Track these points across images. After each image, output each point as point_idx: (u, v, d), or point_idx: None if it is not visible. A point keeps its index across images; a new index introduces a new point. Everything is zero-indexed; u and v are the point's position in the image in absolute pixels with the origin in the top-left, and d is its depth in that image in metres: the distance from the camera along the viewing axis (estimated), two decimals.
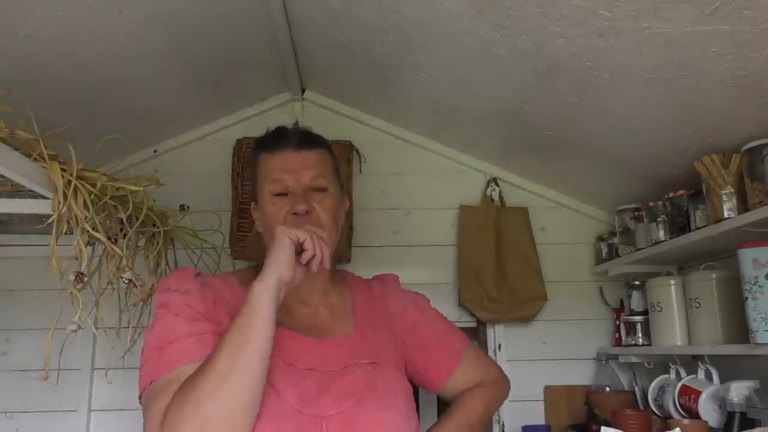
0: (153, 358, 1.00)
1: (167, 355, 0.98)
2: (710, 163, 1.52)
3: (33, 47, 1.39)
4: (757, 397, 1.46)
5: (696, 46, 1.19)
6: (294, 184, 1.12)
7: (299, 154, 1.15)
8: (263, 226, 1.16)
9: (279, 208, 1.11)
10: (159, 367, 0.98)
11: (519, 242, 2.18)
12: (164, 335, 1.00)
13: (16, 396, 2.01)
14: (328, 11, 1.64)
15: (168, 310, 1.03)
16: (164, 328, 1.01)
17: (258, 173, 1.18)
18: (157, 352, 0.99)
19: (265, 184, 1.14)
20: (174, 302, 1.04)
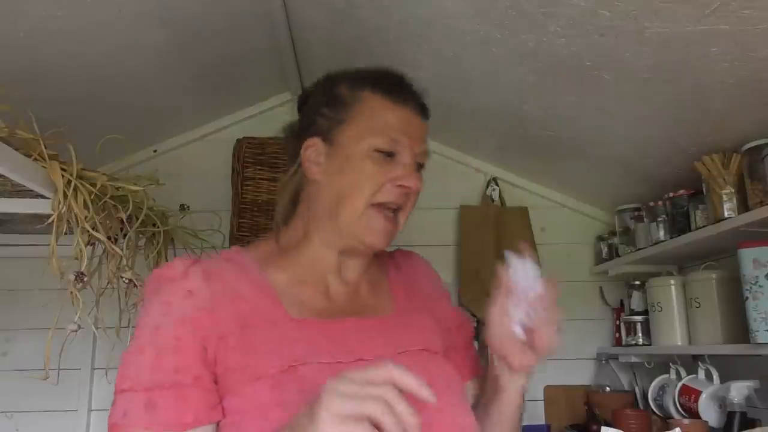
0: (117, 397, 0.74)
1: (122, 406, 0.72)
2: (710, 163, 1.52)
3: (33, 46, 1.39)
4: (757, 397, 1.46)
5: (696, 46, 1.19)
6: (408, 152, 0.87)
7: (419, 120, 0.91)
8: (330, 180, 0.87)
9: (382, 169, 0.85)
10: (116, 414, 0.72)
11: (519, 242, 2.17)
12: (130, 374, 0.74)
13: (16, 396, 2.00)
14: (329, 11, 1.64)
15: (147, 334, 0.76)
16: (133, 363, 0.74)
17: (355, 112, 0.88)
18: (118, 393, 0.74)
19: (372, 134, 0.85)
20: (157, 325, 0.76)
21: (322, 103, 0.90)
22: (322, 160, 0.88)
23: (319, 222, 0.88)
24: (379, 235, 0.86)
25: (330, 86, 0.92)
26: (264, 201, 2.07)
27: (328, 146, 0.88)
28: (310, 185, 0.89)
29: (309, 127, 0.91)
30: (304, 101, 0.97)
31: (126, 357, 0.75)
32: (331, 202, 0.86)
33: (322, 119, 0.89)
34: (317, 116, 0.90)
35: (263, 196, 2.08)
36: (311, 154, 0.88)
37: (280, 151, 2.11)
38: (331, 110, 0.89)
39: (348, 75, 0.92)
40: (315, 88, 0.96)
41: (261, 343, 0.76)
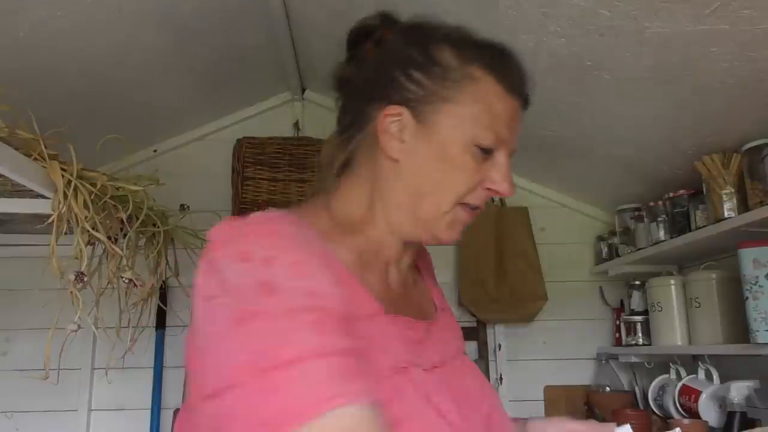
0: (249, 385, 0.49)
1: (292, 385, 0.49)
2: (710, 163, 1.52)
3: (33, 46, 1.39)
4: (757, 397, 1.46)
5: (696, 46, 1.19)
6: (505, 151, 0.73)
7: (521, 114, 0.77)
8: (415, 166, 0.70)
9: (480, 168, 0.71)
10: (268, 405, 0.48)
11: (519, 242, 2.18)
12: (274, 347, 0.50)
13: (16, 396, 2.01)
14: (329, 10, 1.64)
15: (275, 299, 0.52)
16: (271, 332, 0.51)
17: (463, 93, 0.70)
18: (259, 375, 0.49)
19: (477, 126, 0.70)
20: (287, 288, 0.53)
21: (415, 65, 0.71)
22: (406, 137, 0.70)
23: (390, 206, 0.72)
24: (456, 234, 0.74)
25: (427, 45, 0.72)
26: (264, 201, 2.07)
27: (418, 123, 0.70)
28: (382, 161, 0.71)
29: (388, 89, 0.71)
30: (377, 41, 0.75)
31: (263, 320, 0.51)
32: (411, 191, 0.71)
33: (414, 86, 0.70)
34: (406, 79, 0.70)
35: (263, 196, 2.08)
36: (392, 126, 0.70)
37: (281, 151, 2.11)
38: (430, 80, 0.70)
39: (452, 37, 0.74)
40: (396, 34, 0.76)
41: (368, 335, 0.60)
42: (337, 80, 0.78)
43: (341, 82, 0.78)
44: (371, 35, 0.75)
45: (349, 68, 0.77)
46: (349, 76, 0.77)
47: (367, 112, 0.72)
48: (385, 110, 0.70)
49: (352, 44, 0.78)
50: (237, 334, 0.51)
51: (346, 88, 0.77)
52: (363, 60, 0.75)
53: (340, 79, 0.78)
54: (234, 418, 0.48)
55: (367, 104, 0.72)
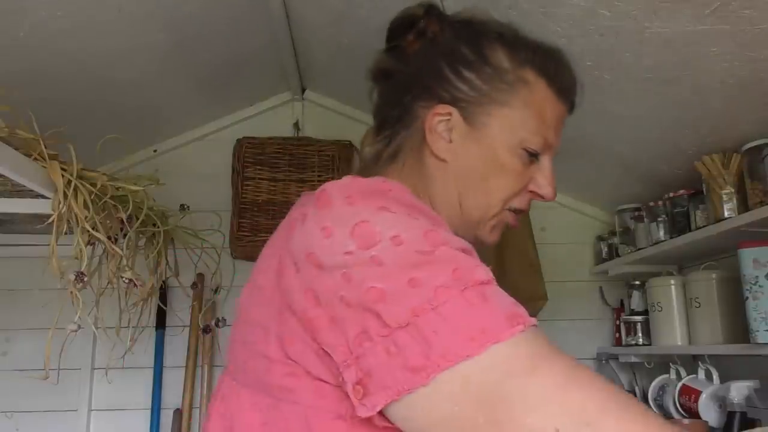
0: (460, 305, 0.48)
1: (496, 300, 0.50)
2: (710, 163, 1.52)
3: (33, 47, 1.39)
4: (757, 397, 1.46)
5: (696, 46, 1.19)
6: (550, 155, 0.75)
7: (566, 118, 0.77)
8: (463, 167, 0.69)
9: (527, 172, 0.71)
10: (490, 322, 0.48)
11: (519, 242, 2.18)
12: (466, 268, 0.50)
13: (16, 396, 2.01)
14: (329, 11, 1.64)
15: (446, 242, 0.52)
16: (456, 257, 0.51)
17: (516, 96, 0.69)
18: (462, 295, 0.48)
19: (527, 129, 0.69)
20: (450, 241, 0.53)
21: (467, 63, 0.69)
22: (454, 137, 0.69)
23: (436, 203, 0.70)
24: (498, 236, 0.73)
25: (479, 43, 0.70)
26: (264, 201, 2.07)
27: (467, 124, 0.68)
28: (429, 159, 0.70)
29: (438, 86, 0.69)
30: (420, 32, 0.72)
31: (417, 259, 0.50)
32: (459, 192, 0.69)
33: (465, 86, 0.68)
34: (456, 78, 0.69)
35: (263, 196, 2.08)
36: (440, 126, 0.69)
37: (281, 151, 2.11)
38: (482, 80, 0.68)
39: (505, 36, 0.71)
40: (444, 28, 0.72)
41: None
42: (377, 71, 0.76)
43: (381, 73, 0.75)
44: (414, 26, 0.72)
45: (390, 60, 0.74)
46: (390, 67, 0.74)
47: (414, 109, 0.70)
48: (435, 109, 0.69)
49: (394, 34, 0.75)
50: (427, 262, 0.49)
51: (387, 80, 0.75)
52: (405, 52, 0.73)
53: (381, 71, 0.75)
54: (436, 340, 0.46)
55: (414, 100, 0.70)
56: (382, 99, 0.75)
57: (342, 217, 0.53)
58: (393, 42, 0.75)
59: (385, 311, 0.47)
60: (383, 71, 0.75)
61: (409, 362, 0.46)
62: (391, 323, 0.47)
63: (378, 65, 0.75)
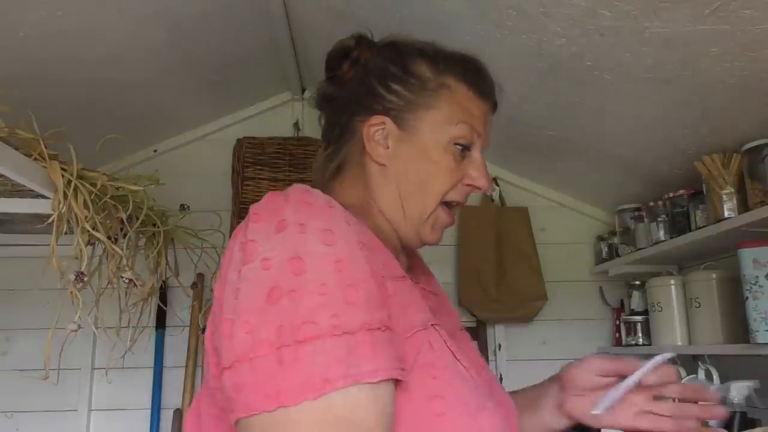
0: (270, 363, 0.51)
1: (307, 362, 0.50)
2: (710, 163, 1.52)
3: (33, 47, 1.39)
4: (757, 397, 1.46)
5: (696, 46, 1.19)
6: (478, 149, 0.80)
7: (491, 116, 0.83)
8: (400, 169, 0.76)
9: (459, 166, 0.77)
10: (276, 380, 0.50)
11: (519, 242, 2.18)
12: (296, 324, 0.51)
13: (16, 396, 2.01)
14: (329, 11, 1.64)
15: (306, 274, 0.54)
16: (297, 307, 0.52)
17: (440, 100, 0.76)
18: (276, 353, 0.51)
19: (454, 124, 0.76)
20: (323, 265, 0.54)
21: (394, 78, 0.77)
22: (390, 143, 0.76)
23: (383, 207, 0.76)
24: (439, 234, 0.79)
25: (403, 60, 0.78)
26: None
27: (400, 130, 0.76)
28: (371, 167, 0.77)
29: (371, 101, 0.77)
30: (354, 61, 0.81)
31: (289, 297, 0.52)
32: (399, 194, 0.76)
33: (395, 97, 0.76)
34: (386, 91, 0.76)
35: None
36: (376, 134, 0.76)
37: (281, 151, 2.11)
38: (409, 90, 0.76)
39: (426, 53, 0.79)
40: (373, 53, 0.80)
41: (403, 297, 0.63)
42: (320, 98, 0.83)
43: (324, 99, 0.83)
44: (348, 56, 0.81)
45: (330, 87, 0.82)
46: (331, 93, 0.82)
47: (352, 124, 0.78)
48: (370, 120, 0.76)
49: (331, 64, 0.83)
50: (265, 310, 0.52)
51: (329, 105, 0.82)
52: (342, 79, 0.81)
53: (323, 96, 0.83)
54: (241, 389, 0.51)
55: (352, 117, 0.78)
56: (326, 122, 0.83)
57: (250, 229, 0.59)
58: (331, 72, 0.83)
59: (224, 348, 0.53)
60: (325, 96, 0.83)
61: (226, 402, 0.53)
62: (222, 362, 0.53)
63: (319, 92, 0.83)
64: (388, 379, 0.53)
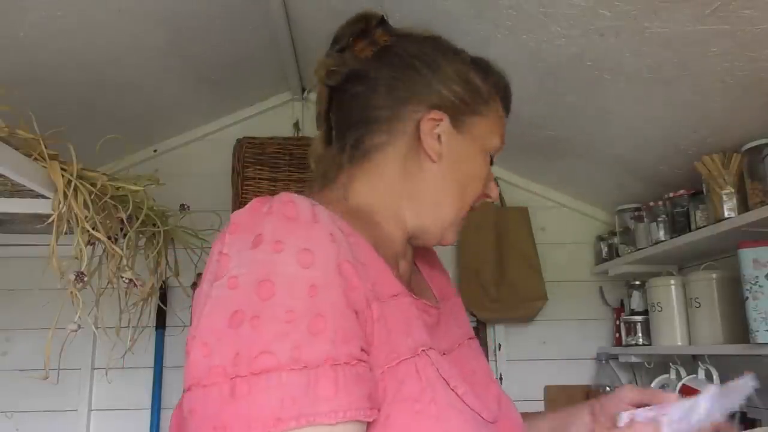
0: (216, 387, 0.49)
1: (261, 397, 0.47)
2: (710, 163, 1.52)
3: (33, 47, 1.39)
4: (757, 397, 1.46)
5: (696, 46, 1.19)
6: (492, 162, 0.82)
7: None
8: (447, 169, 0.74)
9: (486, 174, 0.79)
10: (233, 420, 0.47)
11: (519, 242, 2.18)
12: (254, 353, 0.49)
13: (16, 396, 2.01)
14: (329, 11, 1.64)
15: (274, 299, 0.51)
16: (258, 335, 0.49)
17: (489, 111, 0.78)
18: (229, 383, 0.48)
19: (495, 136, 0.79)
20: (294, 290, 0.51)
21: (454, 81, 0.76)
22: (444, 140, 0.73)
23: (418, 204, 0.74)
24: (457, 236, 0.78)
25: (454, 60, 0.78)
26: None
27: (456, 131, 0.74)
28: (417, 161, 0.73)
29: (427, 94, 0.74)
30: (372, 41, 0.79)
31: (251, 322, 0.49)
32: (438, 193, 0.74)
33: (453, 97, 0.74)
34: (445, 89, 0.74)
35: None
36: (432, 129, 0.73)
37: (281, 151, 2.11)
38: (467, 93, 0.76)
39: (479, 67, 0.80)
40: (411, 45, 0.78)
41: (392, 320, 0.59)
42: (342, 76, 0.77)
43: (350, 78, 0.76)
44: (367, 34, 0.79)
45: (353, 61, 0.77)
46: (361, 70, 0.76)
47: (403, 111, 0.74)
48: (430, 114, 0.73)
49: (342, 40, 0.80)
50: (225, 334, 0.50)
51: (358, 83, 0.76)
52: (362, 56, 0.77)
53: (349, 75, 0.76)
54: (192, 415, 0.49)
55: (403, 105, 0.74)
56: (355, 102, 0.76)
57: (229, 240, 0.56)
58: (342, 46, 0.79)
59: (185, 367, 0.51)
60: (351, 76, 0.76)
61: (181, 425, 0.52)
62: (184, 384, 0.51)
63: (343, 67, 0.77)
64: (351, 420, 0.49)
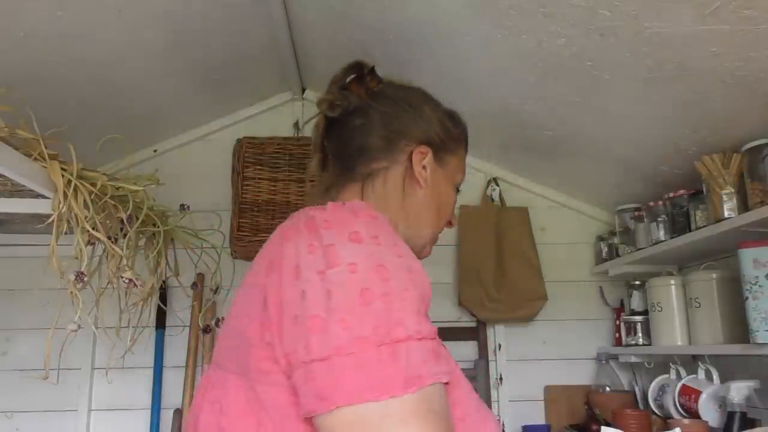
0: (371, 358, 0.57)
1: (403, 360, 0.57)
2: (710, 163, 1.52)
3: (33, 47, 1.39)
4: (757, 397, 1.46)
5: (696, 46, 1.19)
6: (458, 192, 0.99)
7: None
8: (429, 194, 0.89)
9: (453, 204, 0.96)
10: (378, 373, 0.56)
11: (519, 242, 2.18)
12: (390, 325, 0.58)
13: (16, 396, 2.01)
14: (328, 11, 1.64)
15: (392, 281, 0.61)
16: (389, 310, 0.59)
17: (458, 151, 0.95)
18: (376, 350, 0.57)
19: (459, 173, 0.95)
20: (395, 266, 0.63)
21: (435, 124, 0.93)
22: (428, 171, 0.89)
23: (410, 221, 0.88)
24: (430, 252, 0.94)
25: (434, 108, 0.95)
26: (264, 201, 2.07)
27: (437, 164, 0.91)
28: (409, 184, 0.88)
29: (416, 132, 0.90)
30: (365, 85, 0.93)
31: (382, 300, 0.59)
32: (422, 213, 0.89)
33: (436, 137, 0.91)
34: (430, 130, 0.91)
35: (263, 196, 2.08)
36: (420, 160, 0.88)
37: (280, 151, 2.11)
38: (445, 136, 0.92)
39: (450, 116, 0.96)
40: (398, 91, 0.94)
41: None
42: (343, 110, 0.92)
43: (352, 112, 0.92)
44: (362, 79, 0.93)
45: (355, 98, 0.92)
46: (361, 105, 0.91)
47: (399, 144, 0.89)
48: (420, 147, 0.89)
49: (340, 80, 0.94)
50: (360, 311, 0.58)
51: (359, 116, 0.91)
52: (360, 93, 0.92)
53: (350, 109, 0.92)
54: (341, 380, 0.56)
55: (399, 138, 0.89)
56: (357, 132, 0.91)
57: (330, 234, 0.64)
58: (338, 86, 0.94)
59: (314, 341, 0.58)
60: (352, 110, 0.92)
61: (318, 391, 0.57)
62: (313, 354, 0.57)
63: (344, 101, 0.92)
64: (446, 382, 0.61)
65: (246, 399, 0.64)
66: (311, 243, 0.64)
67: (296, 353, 0.59)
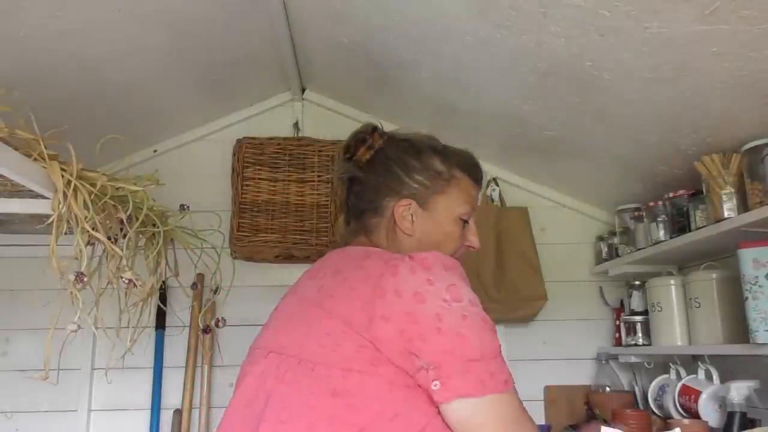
0: (496, 364, 0.86)
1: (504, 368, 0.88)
2: (710, 163, 1.52)
3: (33, 47, 1.39)
4: (757, 397, 1.46)
5: (696, 46, 1.19)
6: (473, 218, 1.12)
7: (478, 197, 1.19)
8: (422, 236, 1.05)
9: (462, 233, 1.09)
10: (501, 380, 0.85)
11: (519, 242, 2.18)
12: (495, 343, 0.89)
13: (16, 396, 2.00)
14: (328, 11, 1.64)
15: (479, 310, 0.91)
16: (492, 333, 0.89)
17: (450, 187, 1.07)
18: (496, 360, 0.87)
19: (461, 205, 1.07)
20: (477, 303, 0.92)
21: (416, 170, 1.05)
22: (415, 219, 1.04)
23: None
24: None
25: (421, 155, 1.07)
26: (264, 201, 2.07)
27: (423, 209, 1.05)
28: (400, 235, 1.05)
29: (399, 187, 1.05)
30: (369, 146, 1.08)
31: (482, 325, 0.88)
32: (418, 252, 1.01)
33: (418, 185, 1.05)
34: (411, 181, 1.05)
35: (263, 196, 2.08)
36: (405, 212, 1.04)
37: (280, 151, 2.11)
38: (429, 180, 1.05)
39: (438, 150, 1.09)
40: (388, 142, 1.08)
41: None
42: (346, 178, 1.10)
43: (353, 180, 1.09)
44: (365, 141, 1.08)
45: (354, 168, 1.08)
46: (359, 176, 1.08)
47: (384, 203, 1.05)
48: (400, 202, 1.04)
49: (350, 149, 1.09)
50: (484, 333, 0.87)
51: (354, 183, 1.09)
52: (360, 161, 1.08)
53: (351, 178, 1.09)
54: (496, 375, 0.84)
55: (384, 198, 1.05)
56: (354, 197, 1.09)
57: (441, 276, 0.87)
58: (349, 154, 1.09)
59: (466, 346, 0.83)
60: (353, 179, 1.09)
61: (477, 379, 0.82)
62: (470, 355, 0.83)
63: (345, 173, 1.10)
64: None
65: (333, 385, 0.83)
66: (428, 278, 0.86)
67: (441, 354, 0.82)
